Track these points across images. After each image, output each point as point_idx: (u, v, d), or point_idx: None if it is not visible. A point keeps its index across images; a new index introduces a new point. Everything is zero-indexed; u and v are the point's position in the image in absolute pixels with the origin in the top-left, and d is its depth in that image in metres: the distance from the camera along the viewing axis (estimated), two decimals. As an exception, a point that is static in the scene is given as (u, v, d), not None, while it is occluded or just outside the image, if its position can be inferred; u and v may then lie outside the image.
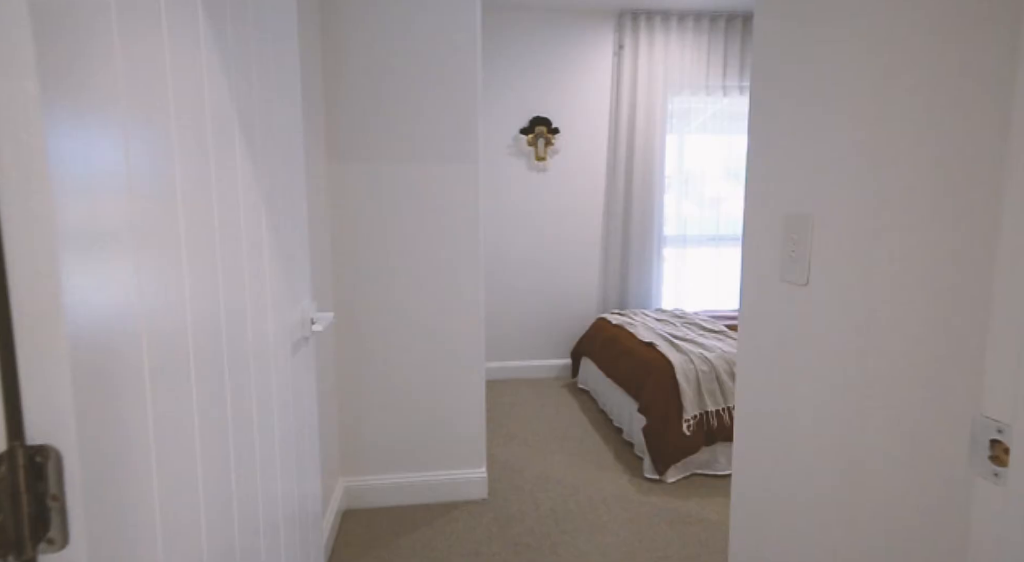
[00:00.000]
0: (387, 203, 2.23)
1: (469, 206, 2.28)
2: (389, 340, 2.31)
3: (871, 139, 0.80)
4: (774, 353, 1.03)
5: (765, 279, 1.05)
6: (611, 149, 4.00)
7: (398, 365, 2.33)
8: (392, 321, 2.30)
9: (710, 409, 2.56)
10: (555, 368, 4.14)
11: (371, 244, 2.24)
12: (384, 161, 2.20)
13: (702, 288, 4.21)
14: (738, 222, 4.18)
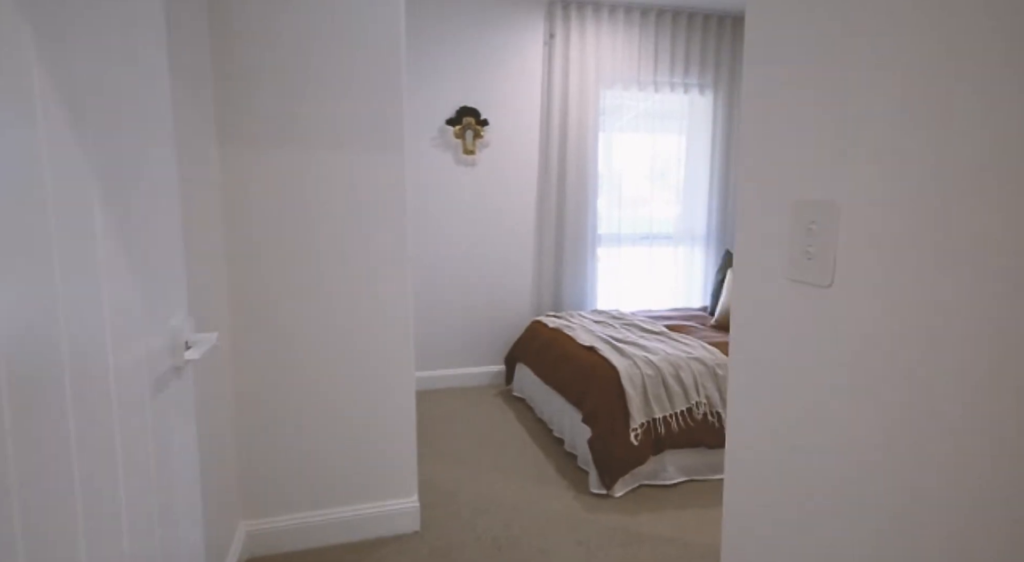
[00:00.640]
0: (297, 197, 1.90)
1: (394, 201, 1.99)
2: (299, 357, 1.98)
3: (929, 101, 0.62)
4: (781, 366, 0.84)
5: (767, 279, 0.86)
6: (543, 143, 3.82)
7: (311, 385, 2.00)
8: (304, 334, 1.97)
9: (657, 416, 2.41)
10: (488, 375, 3.91)
11: (278, 245, 1.90)
12: (293, 148, 1.88)
13: (637, 288, 4.12)
14: (667, 222, 4.13)
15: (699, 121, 4.08)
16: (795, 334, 0.81)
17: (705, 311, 3.73)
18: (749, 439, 0.93)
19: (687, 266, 4.18)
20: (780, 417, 0.85)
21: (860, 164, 0.70)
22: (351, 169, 1.93)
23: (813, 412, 0.79)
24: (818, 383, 0.77)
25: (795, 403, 0.82)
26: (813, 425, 0.79)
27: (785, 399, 0.84)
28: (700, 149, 4.10)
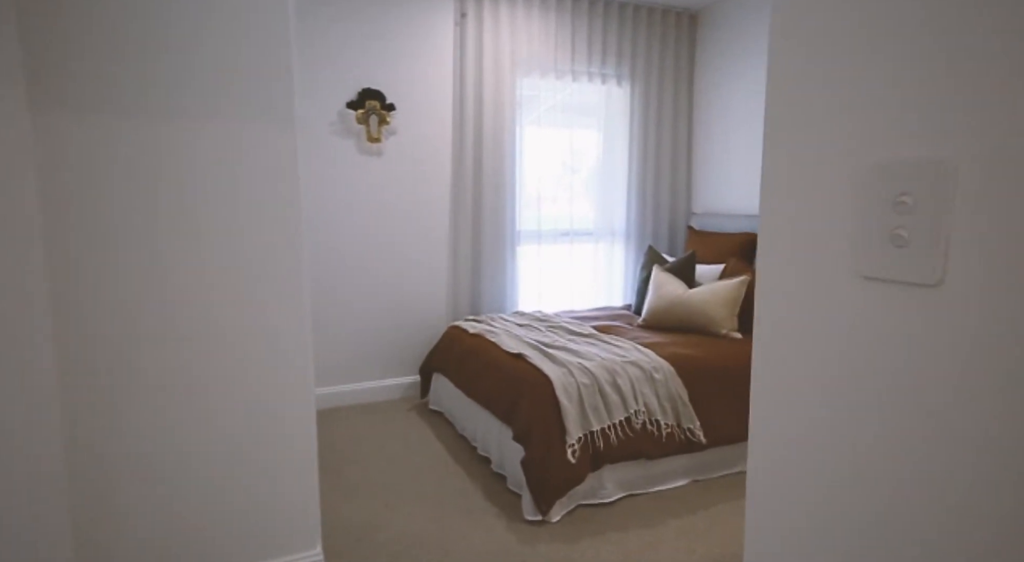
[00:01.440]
0: (149, 176, 1.46)
1: (284, 185, 1.60)
2: (156, 385, 1.53)
3: None
4: (847, 397, 0.60)
5: (819, 274, 0.62)
6: (457, 132, 3.50)
7: (171, 423, 1.56)
8: (165, 355, 1.53)
9: (595, 429, 2.19)
10: (401, 388, 3.53)
11: (126, 238, 1.45)
12: (139, 112, 1.43)
13: (559, 287, 3.91)
14: (587, 218, 3.97)
15: (616, 113, 3.95)
16: (873, 356, 0.57)
17: (630, 309, 3.60)
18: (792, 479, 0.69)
19: (608, 263, 4.04)
20: (847, 460, 0.61)
21: (994, 101, 0.47)
22: (224, 141, 1.51)
23: (910, 448, 0.55)
24: (918, 421, 0.54)
25: (871, 443, 0.58)
26: (913, 477, 0.55)
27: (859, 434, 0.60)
28: (618, 143, 3.97)
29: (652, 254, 3.51)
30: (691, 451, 2.35)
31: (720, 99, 3.87)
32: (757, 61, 3.57)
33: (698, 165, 4.09)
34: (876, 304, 0.57)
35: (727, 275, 3.13)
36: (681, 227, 4.15)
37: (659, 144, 4.02)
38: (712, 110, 3.94)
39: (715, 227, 3.79)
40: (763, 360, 0.71)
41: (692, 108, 4.11)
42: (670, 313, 2.97)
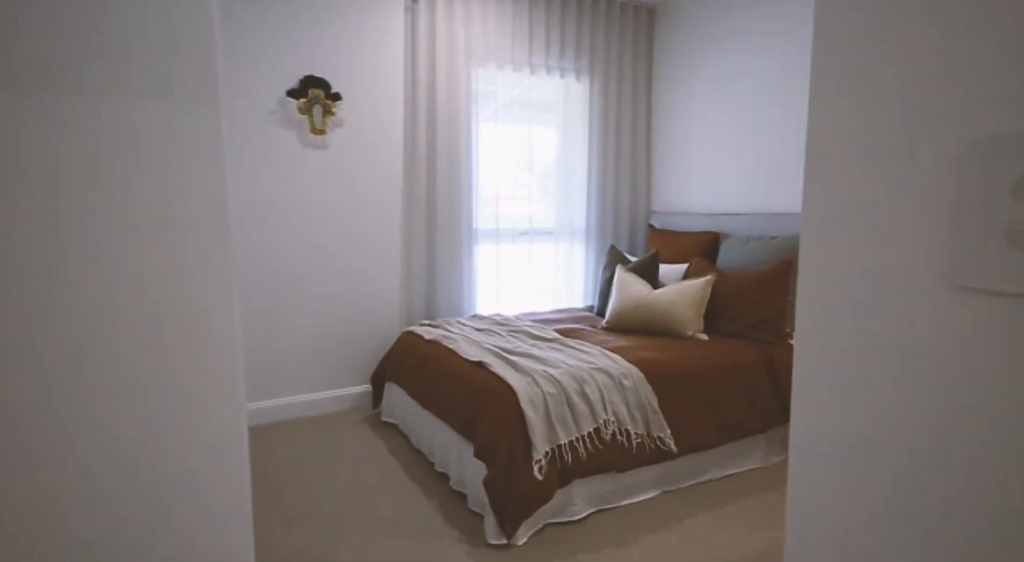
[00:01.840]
0: (14, 165, 1.20)
1: (205, 173, 1.37)
2: (38, 405, 1.27)
3: None
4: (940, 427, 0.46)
5: (893, 282, 0.48)
6: (409, 125, 3.29)
7: (66, 446, 1.31)
8: (47, 373, 1.27)
9: (563, 441, 2.04)
10: (351, 398, 3.30)
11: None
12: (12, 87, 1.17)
13: (518, 288, 3.76)
14: (547, 216, 3.83)
15: (575, 109, 3.82)
16: (977, 391, 0.43)
17: (592, 311, 3.48)
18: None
19: (568, 263, 3.91)
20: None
21: None
22: (126, 124, 1.27)
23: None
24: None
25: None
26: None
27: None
28: (577, 139, 3.85)
29: (614, 253, 3.40)
30: (661, 461, 2.24)
31: (678, 96, 3.81)
32: (715, 57, 3.52)
33: (657, 163, 4.02)
34: (982, 324, 0.42)
35: (691, 275, 3.05)
36: (641, 226, 4.07)
37: (619, 141, 3.92)
38: (671, 107, 3.88)
39: (676, 226, 3.72)
40: (807, 370, 0.56)
41: (651, 105, 4.03)
42: (635, 315, 2.86)
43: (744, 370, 2.51)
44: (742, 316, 2.73)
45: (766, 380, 2.56)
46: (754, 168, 3.32)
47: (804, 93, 3.01)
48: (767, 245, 2.96)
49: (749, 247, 3.04)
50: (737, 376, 2.48)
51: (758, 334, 2.68)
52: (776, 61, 3.16)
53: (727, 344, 2.64)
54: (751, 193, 3.35)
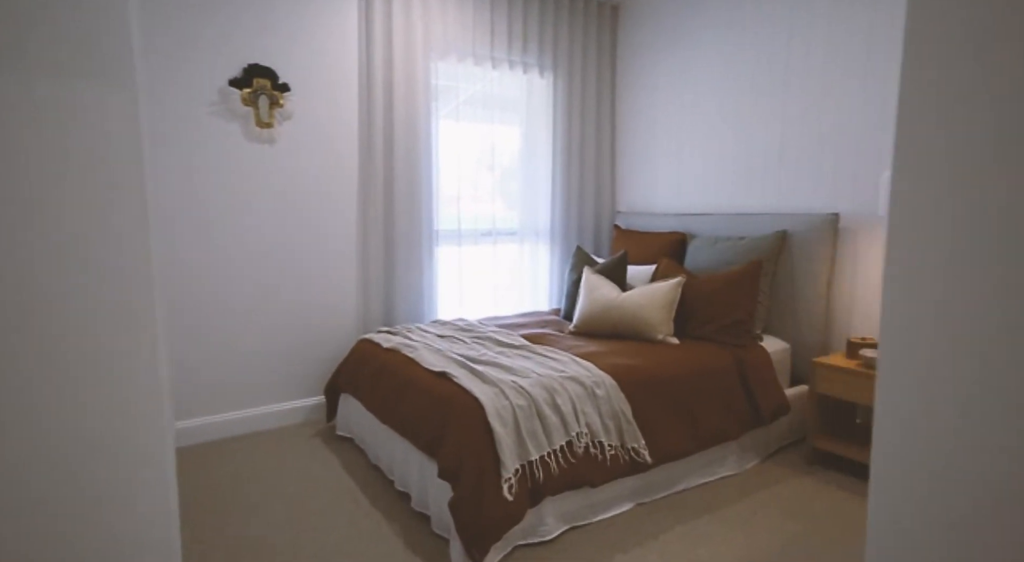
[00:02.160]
0: None
1: (118, 159, 1.17)
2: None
3: None
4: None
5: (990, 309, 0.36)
6: (364, 120, 3.10)
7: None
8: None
9: (534, 457, 1.90)
10: (303, 411, 3.08)
11: None
12: None
13: (482, 292, 3.61)
14: (511, 217, 3.70)
15: (538, 107, 3.70)
16: None
17: (559, 315, 3.36)
18: None
19: (533, 265, 3.79)
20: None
21: None
22: (26, 102, 1.06)
23: None
24: None
25: None
26: None
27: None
28: (540, 137, 3.73)
29: (581, 255, 3.29)
30: (635, 472, 2.13)
31: (642, 93, 3.73)
32: (680, 53, 3.46)
33: (622, 162, 3.94)
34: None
35: (659, 276, 2.97)
36: (607, 226, 3.98)
37: (583, 139, 3.82)
38: (635, 104, 3.80)
39: (642, 226, 3.65)
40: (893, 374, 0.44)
41: (615, 102, 3.95)
42: (604, 318, 2.75)
43: (717, 375, 2.44)
44: (713, 318, 2.66)
45: (738, 384, 2.50)
46: (721, 167, 3.28)
47: (772, 90, 2.98)
48: (735, 246, 2.91)
49: (717, 248, 2.98)
50: (710, 381, 2.41)
51: (729, 337, 2.61)
52: (743, 57, 3.12)
53: (698, 348, 2.56)
54: (718, 193, 3.30)
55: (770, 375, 2.57)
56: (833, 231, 2.71)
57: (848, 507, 2.19)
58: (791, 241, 2.81)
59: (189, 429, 2.77)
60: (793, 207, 2.93)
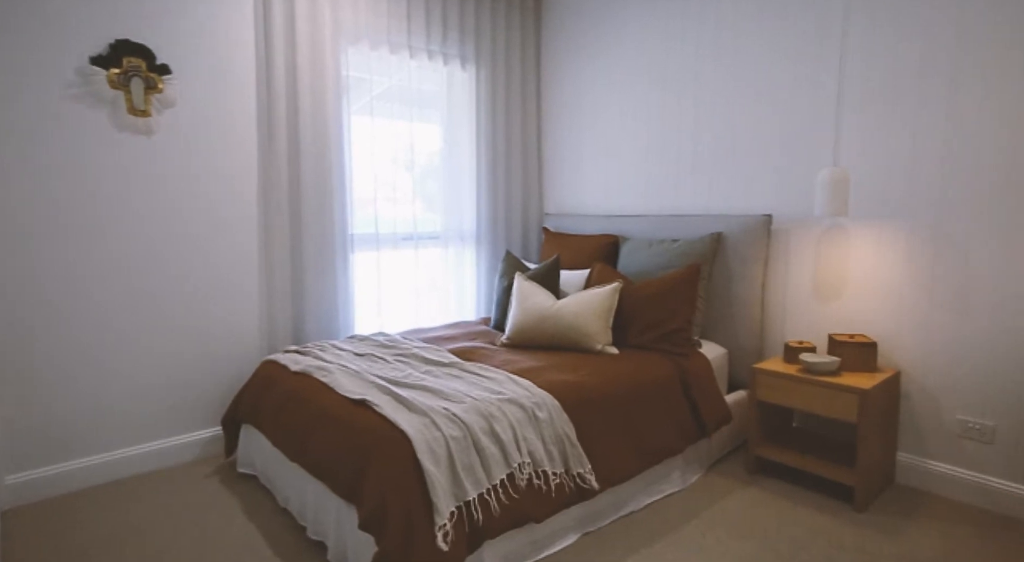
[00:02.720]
0: None
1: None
2: None
3: None
4: None
5: None
6: (264, 112, 2.72)
7: None
8: None
9: (471, 497, 1.66)
10: (196, 446, 2.65)
11: None
12: None
13: (404, 301, 3.31)
14: (434, 219, 3.43)
15: (460, 101, 3.46)
16: None
17: (488, 324, 3.13)
18: None
19: (458, 271, 3.54)
20: None
21: None
22: None
23: None
24: None
25: None
26: None
27: None
28: (463, 135, 3.49)
29: (511, 260, 3.08)
30: (581, 500, 1.94)
31: (569, 89, 3.59)
32: (608, 47, 3.34)
33: (549, 161, 3.78)
34: None
35: (594, 282, 2.81)
36: (535, 229, 3.80)
37: (508, 137, 3.62)
38: (561, 101, 3.65)
39: (572, 228, 3.50)
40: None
41: (540, 98, 3.78)
42: (539, 329, 2.55)
43: (661, 387, 2.30)
44: (653, 326, 2.53)
45: (682, 395, 2.38)
46: (652, 167, 3.18)
47: (703, 89, 2.90)
48: (670, 249, 2.81)
49: (652, 251, 2.87)
50: (654, 394, 2.27)
51: (670, 345, 2.49)
52: (671, 55, 3.03)
53: (639, 358, 2.42)
54: (649, 193, 3.20)
55: (712, 384, 2.47)
56: (766, 232, 2.66)
57: (794, 518, 2.12)
58: (725, 243, 2.74)
59: (44, 479, 2.28)
60: (726, 208, 2.87)
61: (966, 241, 2.17)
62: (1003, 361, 2.12)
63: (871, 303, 2.43)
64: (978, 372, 2.18)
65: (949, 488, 2.27)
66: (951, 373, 2.24)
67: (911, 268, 2.31)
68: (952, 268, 2.21)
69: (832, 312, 2.54)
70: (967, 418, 2.22)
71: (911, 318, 2.32)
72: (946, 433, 2.27)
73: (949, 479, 2.26)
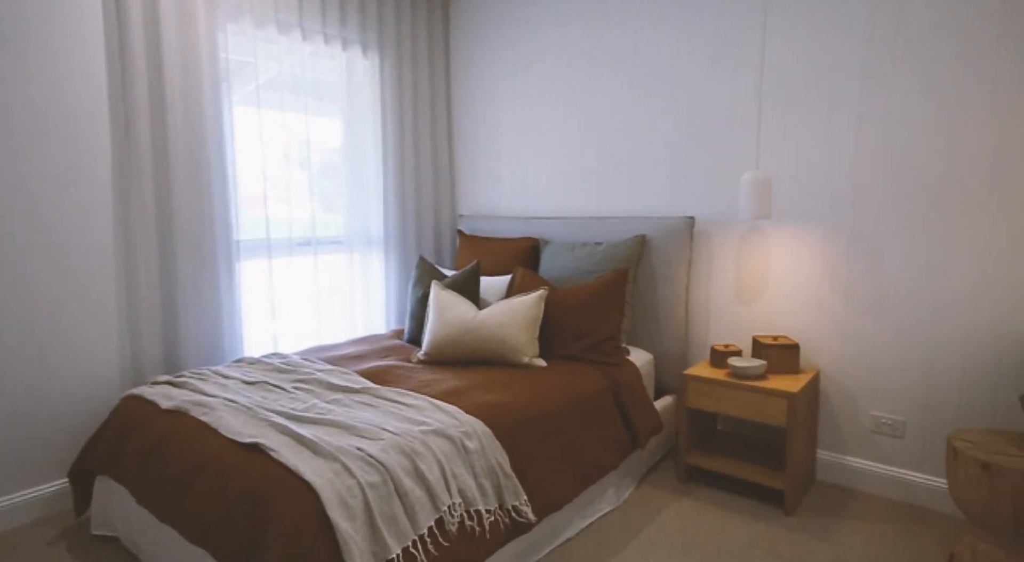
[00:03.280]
0: None
1: None
2: None
3: None
4: None
5: None
6: (119, 96, 2.25)
7: None
8: None
9: (394, 553, 1.39)
10: (37, 505, 2.14)
11: None
12: None
13: (303, 315, 2.93)
14: (336, 222, 3.08)
15: (362, 92, 3.14)
16: None
17: (402, 338, 2.84)
18: None
19: (364, 279, 3.21)
20: None
21: None
22: None
23: None
24: None
25: None
26: None
27: None
28: (367, 129, 3.17)
29: (425, 267, 2.81)
30: (517, 535, 1.74)
31: (482, 82, 3.38)
32: (521, 43, 3.17)
33: (462, 160, 3.55)
34: None
35: (516, 289, 2.62)
36: (448, 232, 3.55)
37: (417, 133, 3.35)
38: (473, 95, 3.43)
39: (488, 231, 3.29)
40: None
41: (451, 91, 3.54)
42: (461, 343, 2.32)
43: (594, 400, 2.16)
44: (582, 335, 2.38)
45: (614, 407, 2.25)
46: (572, 168, 3.05)
47: (629, 87, 2.81)
48: (594, 252, 2.68)
49: (575, 254, 2.73)
50: (588, 408, 2.11)
51: (600, 355, 2.36)
52: (590, 51, 2.91)
53: (570, 370, 2.26)
54: (569, 195, 3.07)
55: (642, 393, 2.37)
56: (689, 235, 2.61)
57: (731, 528, 2.05)
58: (649, 245, 2.66)
59: None
60: (649, 210, 2.79)
61: (878, 242, 2.22)
62: (910, 358, 2.19)
63: (792, 304, 2.44)
64: (890, 370, 2.24)
65: (866, 483, 2.31)
66: (866, 371, 2.29)
67: (829, 269, 2.34)
68: (866, 269, 2.26)
69: (755, 313, 2.53)
70: (880, 414, 2.28)
71: (829, 318, 2.35)
72: (861, 429, 2.32)
73: (866, 474, 2.31)
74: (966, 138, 2.02)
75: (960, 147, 2.03)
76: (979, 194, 2.01)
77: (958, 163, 2.04)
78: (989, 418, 2.06)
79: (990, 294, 2.02)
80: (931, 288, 2.13)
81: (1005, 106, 1.94)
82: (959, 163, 2.04)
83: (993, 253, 2.01)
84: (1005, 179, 1.96)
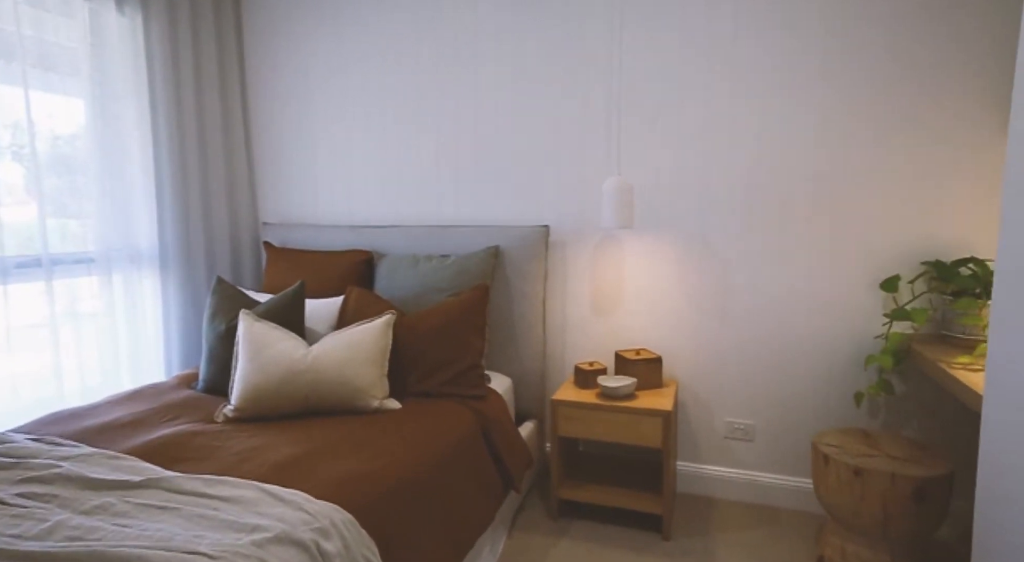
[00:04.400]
0: None
1: None
2: None
3: None
4: None
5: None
6: None
7: None
8: None
9: None
10: None
11: None
12: None
13: (32, 367, 2.04)
14: (82, 234, 2.24)
15: (118, 62, 2.34)
16: None
17: (194, 386, 2.12)
18: None
19: (129, 309, 2.39)
20: None
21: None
22: None
23: None
24: None
25: None
26: None
27: None
28: (126, 111, 2.38)
29: (227, 291, 2.16)
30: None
31: (289, 62, 2.79)
32: (338, 22, 2.68)
33: (263, 157, 2.90)
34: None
35: (352, 314, 2.15)
36: (249, 244, 2.87)
37: (201, 117, 2.63)
38: (276, 76, 2.82)
39: (305, 243, 2.72)
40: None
41: (245, 64, 2.87)
42: (287, 391, 1.78)
43: (463, 444, 1.80)
44: (441, 366, 2.01)
45: (484, 447, 1.92)
46: (408, 169, 2.65)
47: (470, 81, 2.50)
48: (441, 266, 2.33)
49: (420, 269, 2.35)
50: (457, 455, 1.75)
51: (462, 388, 2.02)
52: (430, 39, 2.55)
53: (430, 410, 1.87)
54: (406, 201, 2.66)
55: (511, 427, 2.09)
56: (544, 245, 2.41)
57: None
58: (503, 258, 2.40)
59: None
60: (498, 218, 2.53)
61: (724, 251, 2.26)
62: (755, 364, 2.27)
63: (649, 316, 2.38)
64: (740, 376, 2.30)
65: (723, 489, 2.35)
66: (718, 379, 2.33)
67: (682, 279, 2.33)
68: (715, 278, 2.29)
69: (613, 327, 2.43)
70: (733, 420, 2.33)
71: (685, 328, 2.34)
72: (716, 437, 2.35)
73: (722, 480, 2.35)
74: (796, 160, 2.14)
75: (792, 167, 2.14)
76: (806, 210, 2.15)
77: (790, 181, 2.15)
78: (825, 416, 2.21)
79: (820, 301, 2.17)
80: (772, 296, 2.22)
81: (832, 134, 2.09)
82: (791, 181, 2.15)
83: (820, 263, 2.15)
84: (828, 197, 2.12)
